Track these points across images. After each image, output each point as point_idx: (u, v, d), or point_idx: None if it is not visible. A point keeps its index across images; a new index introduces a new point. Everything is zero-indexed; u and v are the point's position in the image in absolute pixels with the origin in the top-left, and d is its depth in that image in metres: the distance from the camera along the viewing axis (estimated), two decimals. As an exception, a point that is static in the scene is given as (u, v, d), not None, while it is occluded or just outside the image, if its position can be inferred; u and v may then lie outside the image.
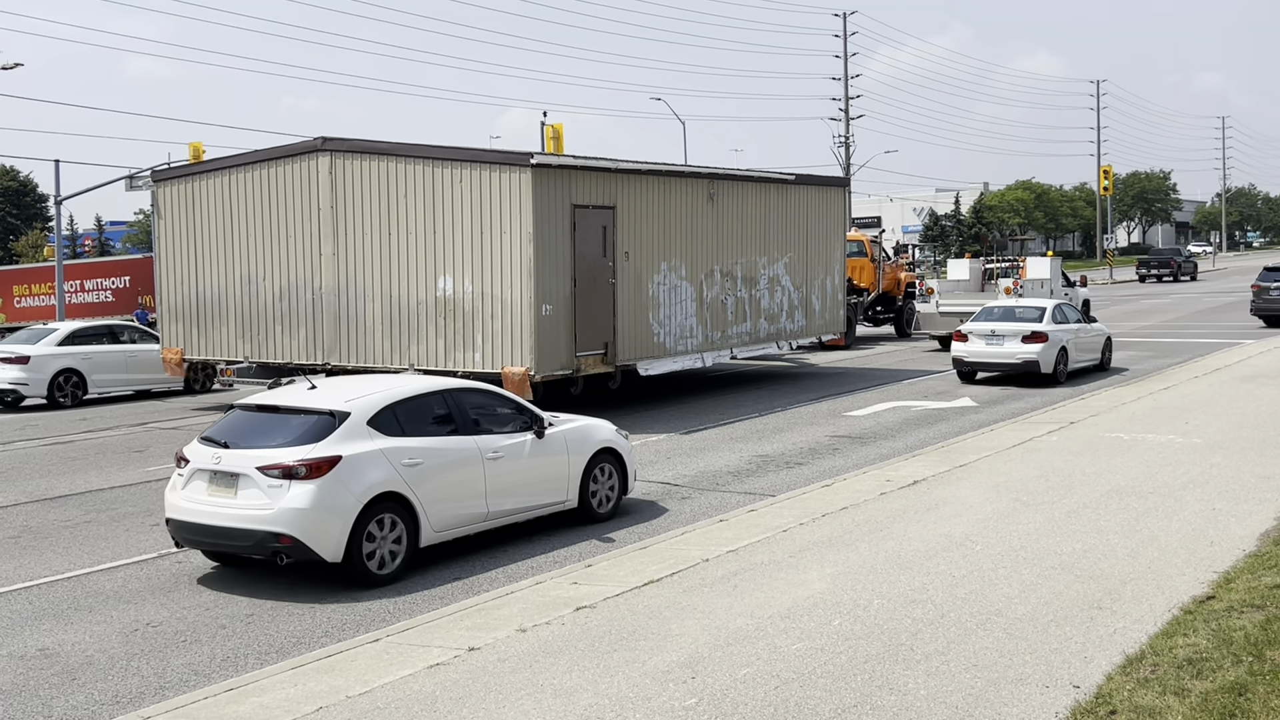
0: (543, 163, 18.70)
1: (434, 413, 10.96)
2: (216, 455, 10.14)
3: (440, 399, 11.09)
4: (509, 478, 11.19)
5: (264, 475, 9.82)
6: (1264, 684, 6.36)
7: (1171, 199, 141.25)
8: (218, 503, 9.98)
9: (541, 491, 11.62)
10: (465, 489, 10.77)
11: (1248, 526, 10.19)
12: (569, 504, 11.95)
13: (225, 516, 9.89)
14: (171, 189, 23.00)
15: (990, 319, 23.74)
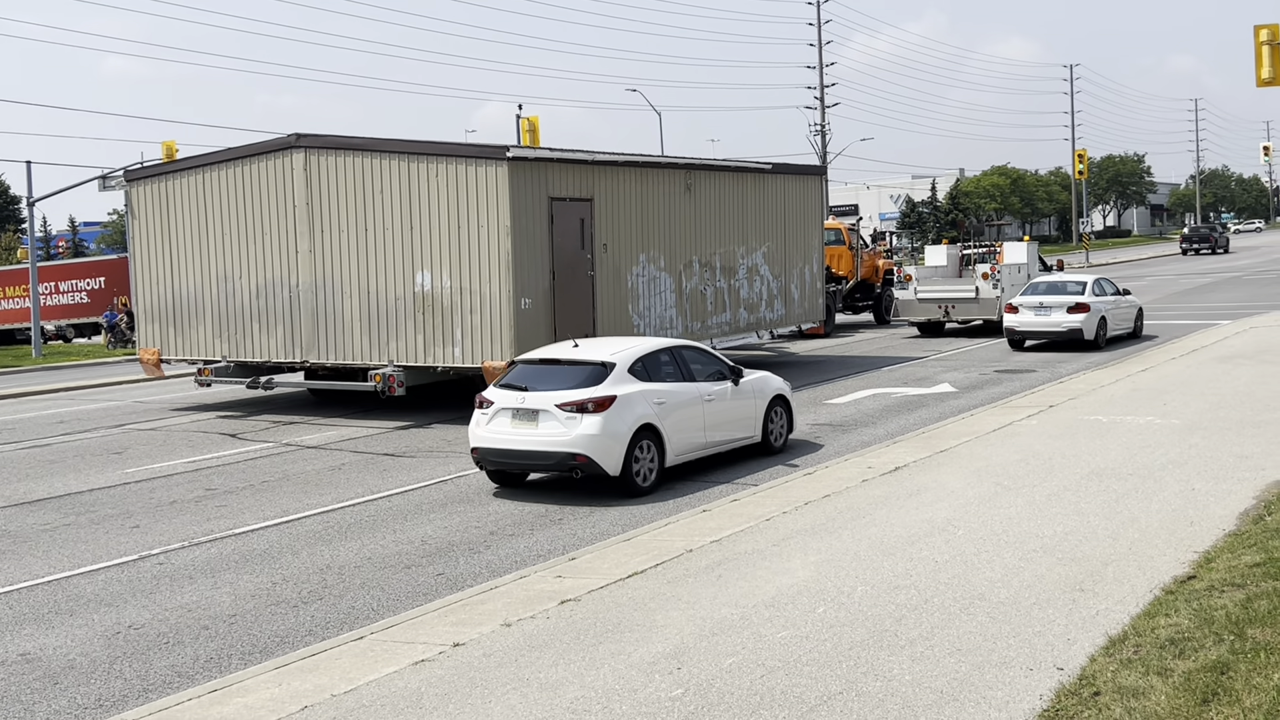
0: (519, 156, 18.65)
1: (666, 364, 13.97)
2: (521, 397, 13.06)
3: (669, 353, 14.15)
4: (718, 415, 14.21)
5: (561, 410, 12.75)
6: (1246, 662, 6.40)
7: (1146, 182, 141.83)
8: (522, 433, 12.97)
9: (738, 427, 14.64)
10: (693, 423, 13.84)
11: (1227, 506, 10.25)
12: (754, 439, 14.93)
13: (530, 443, 12.86)
14: (145, 188, 22.85)
15: (1038, 293, 26.69)
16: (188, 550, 11.39)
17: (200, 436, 18.77)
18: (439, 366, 19.17)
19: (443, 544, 11.21)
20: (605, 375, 13.11)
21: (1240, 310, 33.37)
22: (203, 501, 13.64)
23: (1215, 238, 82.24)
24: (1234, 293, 42.61)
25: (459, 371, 19.24)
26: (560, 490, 13.43)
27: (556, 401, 12.80)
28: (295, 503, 13.36)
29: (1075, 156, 76.83)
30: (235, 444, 17.83)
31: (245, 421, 20.25)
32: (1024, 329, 26.47)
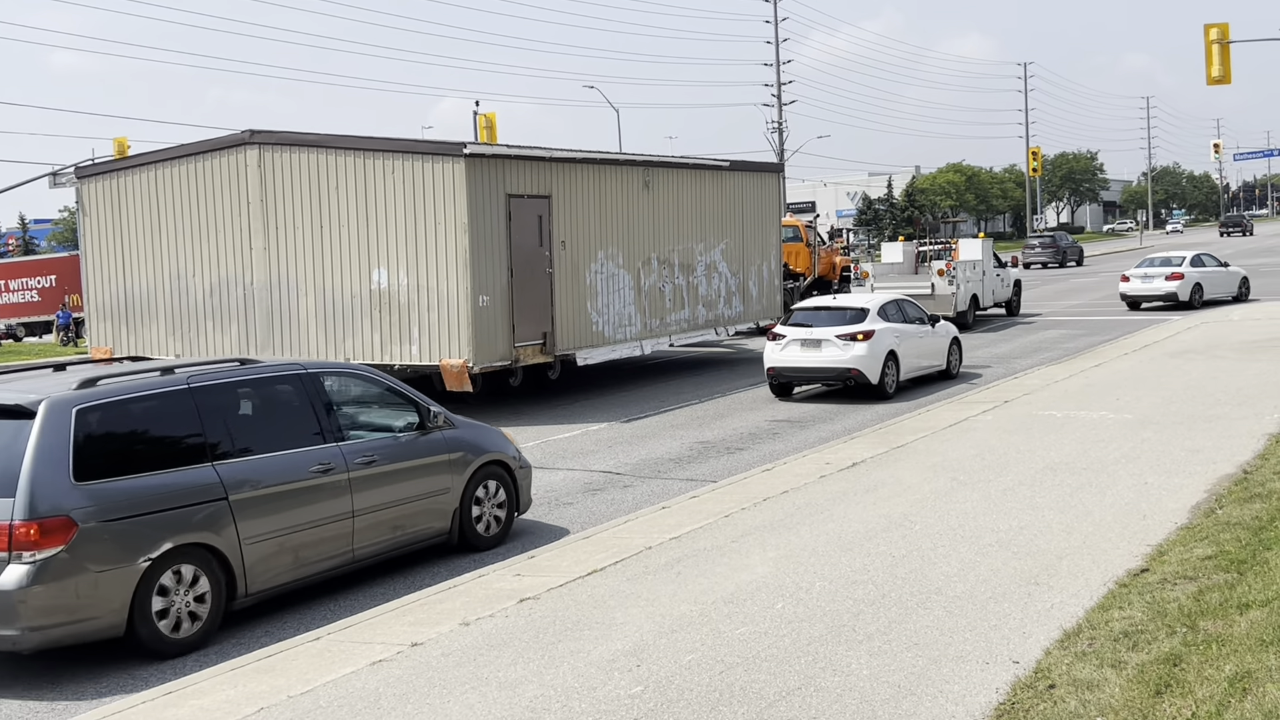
0: (476, 153, 18.57)
1: (894, 311, 19.63)
2: (806, 331, 19.00)
3: (895, 304, 19.99)
4: (925, 347, 20.12)
5: (839, 339, 18.60)
6: (1198, 654, 6.48)
7: (1099, 179, 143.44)
8: (808, 355, 18.86)
9: (935, 358, 20.47)
10: (913, 351, 19.65)
11: (1179, 499, 10.38)
12: (941, 367, 20.65)
13: (815, 362, 18.83)
14: (96, 185, 22.55)
15: (1150, 265, 33.95)
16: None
17: (154, 436, 18.54)
18: (396, 364, 19.05)
19: (400, 543, 11.13)
20: (864, 316, 18.99)
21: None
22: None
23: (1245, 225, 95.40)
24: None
25: (416, 369, 19.14)
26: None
27: (836, 333, 18.70)
28: (251, 503, 13.21)
29: (1029, 154, 77.55)
30: (190, 444, 17.62)
31: (200, 421, 20.02)
32: (1134, 294, 33.62)
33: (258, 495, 8.81)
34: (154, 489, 8.23)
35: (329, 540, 9.34)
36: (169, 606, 8.23)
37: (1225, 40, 32.10)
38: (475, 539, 10.74)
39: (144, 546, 8.05)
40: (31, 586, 7.57)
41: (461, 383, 18.12)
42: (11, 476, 7.71)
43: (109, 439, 8.25)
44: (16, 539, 7.59)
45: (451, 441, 10.61)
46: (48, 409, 7.97)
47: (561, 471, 14.29)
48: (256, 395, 9.46)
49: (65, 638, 7.84)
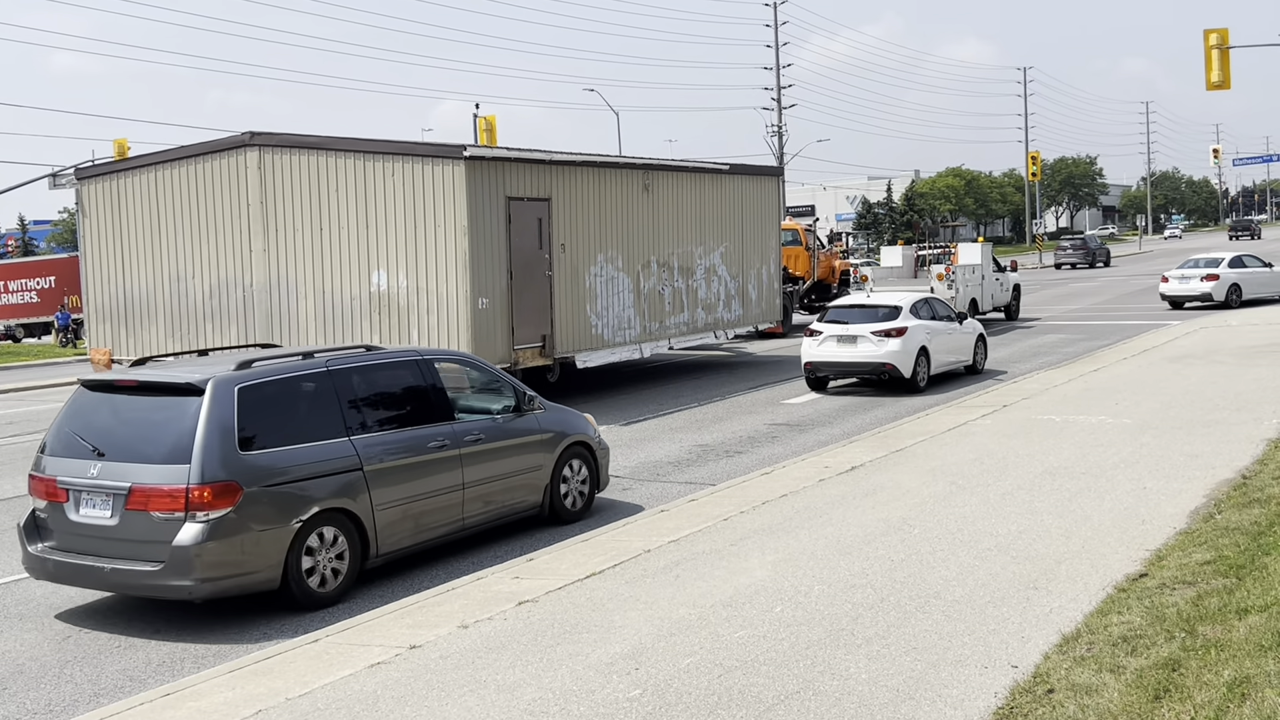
0: (476, 155, 18.58)
1: (924, 309, 20.71)
2: (842, 327, 19.99)
3: (925, 301, 21.02)
4: (952, 344, 21.15)
5: (874, 335, 19.65)
6: (1196, 659, 6.48)
7: (1098, 183, 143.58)
8: (844, 350, 19.93)
9: (960, 354, 21.52)
10: (942, 347, 20.72)
11: (1178, 504, 10.38)
12: (967, 363, 21.77)
13: (851, 357, 19.88)
14: (96, 187, 22.55)
15: (1190, 266, 35.21)
16: (140, 553, 11.23)
17: (152, 438, 18.52)
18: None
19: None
20: (898, 314, 20.04)
21: (1190, 311, 33.80)
22: (155, 503, 13.46)
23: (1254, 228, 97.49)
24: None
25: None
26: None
27: (871, 330, 19.76)
28: (249, 504, 13.21)
29: (1029, 158, 77.58)
30: (188, 445, 17.61)
31: (198, 422, 20.00)
32: (1173, 294, 34.68)
33: (387, 467, 9.78)
34: (302, 459, 9.20)
35: (444, 509, 10.34)
36: (315, 564, 9.20)
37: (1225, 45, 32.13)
38: (563, 512, 11.76)
39: (296, 509, 9.03)
40: (205, 543, 8.54)
41: (460, 385, 18.11)
42: (184, 447, 8.67)
43: (265, 414, 9.15)
44: (192, 501, 8.55)
45: (543, 423, 11.63)
46: (215, 386, 8.94)
47: (560, 474, 14.26)
48: (382, 378, 10.36)
49: (230, 589, 8.80)
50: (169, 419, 8.95)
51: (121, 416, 9.24)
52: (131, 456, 8.87)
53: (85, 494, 8.95)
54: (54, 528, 9.21)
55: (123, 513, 8.74)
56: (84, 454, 9.02)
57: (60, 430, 9.40)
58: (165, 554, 8.56)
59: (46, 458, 9.36)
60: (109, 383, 9.56)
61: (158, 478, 8.67)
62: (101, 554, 8.85)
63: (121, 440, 9.03)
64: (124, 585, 8.93)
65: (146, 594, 9.02)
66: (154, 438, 8.95)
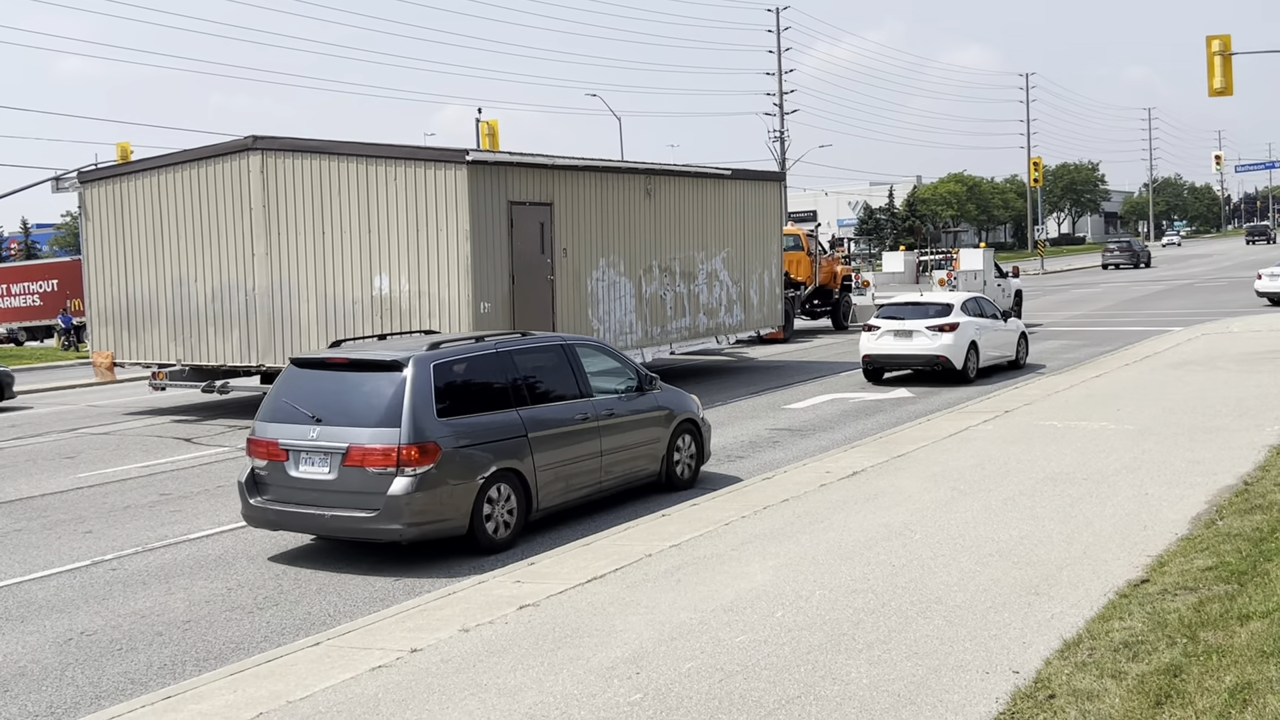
0: (478, 159, 18.60)
1: (973, 306, 22.44)
2: (899, 323, 21.66)
3: (974, 300, 22.88)
4: (998, 339, 22.95)
5: (928, 330, 21.37)
6: (1198, 665, 6.47)
7: (1100, 190, 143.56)
8: (900, 344, 21.61)
9: (1005, 350, 23.26)
10: (990, 343, 22.48)
11: (1179, 510, 10.37)
12: (1010, 358, 23.49)
13: (907, 349, 21.62)
14: (99, 190, 22.59)
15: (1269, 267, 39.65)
16: (141, 555, 11.26)
17: (154, 441, 18.56)
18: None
19: (404, 548, 11.13)
20: (950, 311, 21.77)
21: (1192, 317, 33.81)
22: (157, 506, 13.49)
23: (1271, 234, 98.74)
24: (1185, 300, 43.18)
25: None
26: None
27: (926, 325, 21.43)
28: (251, 508, 13.22)
29: (1030, 164, 77.64)
30: (190, 448, 17.65)
31: (200, 426, 20.05)
32: (1268, 291, 38.40)
33: (545, 435, 11.35)
34: (483, 425, 10.79)
35: (587, 473, 11.93)
36: (492, 514, 10.73)
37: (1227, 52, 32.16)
38: (676, 481, 13.23)
39: (479, 468, 10.57)
40: (413, 494, 10.05)
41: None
42: (394, 413, 10.20)
43: (453, 387, 10.75)
44: (403, 458, 10.06)
45: (660, 401, 13.14)
46: (415, 363, 10.48)
47: (562, 479, 14.27)
48: (536, 359, 11.88)
49: (430, 533, 10.33)
50: (377, 390, 10.44)
51: (332, 389, 10.74)
52: (346, 421, 10.35)
53: (305, 454, 10.44)
54: (273, 483, 10.66)
55: (340, 469, 10.25)
56: (302, 420, 10.48)
57: (275, 400, 10.86)
58: (380, 503, 10.07)
59: (264, 424, 10.78)
60: (320, 360, 11.16)
61: (372, 439, 10.16)
62: (320, 504, 10.34)
63: (336, 408, 10.50)
64: (342, 530, 10.42)
65: (361, 538, 10.45)
66: (366, 406, 10.42)
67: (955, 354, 21.45)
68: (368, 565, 10.59)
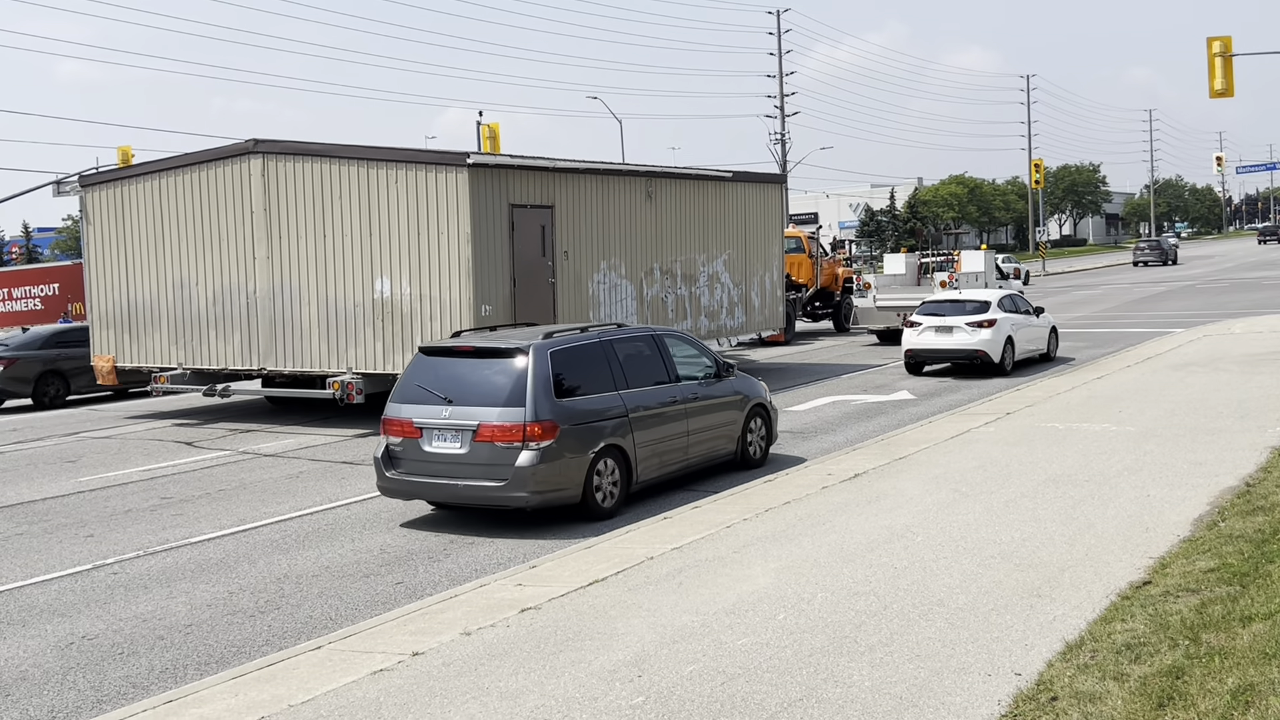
0: (479, 162, 18.61)
1: (1009, 304, 23.74)
2: (939, 319, 23.00)
3: (1009, 297, 24.14)
4: (1032, 334, 24.37)
5: (967, 326, 22.72)
6: (1200, 666, 6.46)
7: (1101, 191, 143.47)
8: (940, 340, 22.94)
9: (1038, 344, 24.71)
10: (1024, 337, 23.85)
11: (1182, 512, 10.36)
12: (1043, 351, 24.95)
13: (947, 344, 22.91)
14: (100, 194, 22.60)
15: None
16: (143, 559, 11.26)
17: (156, 445, 18.57)
18: (399, 374, 19.06)
19: (402, 552, 11.14)
20: (988, 308, 23.09)
21: (1194, 318, 33.80)
22: (158, 510, 13.49)
23: None
24: (1187, 301, 43.16)
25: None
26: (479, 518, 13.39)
27: (965, 321, 22.82)
28: (252, 511, 13.24)
29: (1032, 166, 77.60)
30: (191, 452, 17.65)
31: (202, 429, 20.05)
32: None
33: (642, 415, 12.58)
34: (593, 406, 12.03)
35: (676, 450, 13.12)
36: (600, 485, 11.98)
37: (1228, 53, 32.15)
38: (749, 460, 14.38)
39: (590, 443, 11.84)
40: (538, 465, 11.31)
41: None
42: (519, 395, 11.45)
43: (567, 371, 11.95)
44: (528, 434, 11.31)
45: (736, 387, 14.31)
46: (535, 351, 11.73)
47: (563, 481, 14.26)
48: (632, 347, 13.13)
49: (551, 501, 11.57)
50: (502, 374, 11.71)
51: (460, 374, 11.95)
52: (475, 402, 11.60)
53: (437, 431, 11.66)
54: (408, 457, 11.87)
55: (471, 444, 11.48)
56: (434, 401, 11.72)
57: (406, 384, 12.12)
58: (508, 474, 11.32)
59: (398, 405, 12.01)
60: (447, 349, 12.35)
61: (500, 417, 11.42)
62: (453, 476, 11.59)
63: (464, 391, 11.73)
64: (473, 498, 11.70)
65: (490, 505, 11.70)
66: (493, 388, 11.67)
67: (993, 348, 22.82)
68: (368, 570, 10.59)
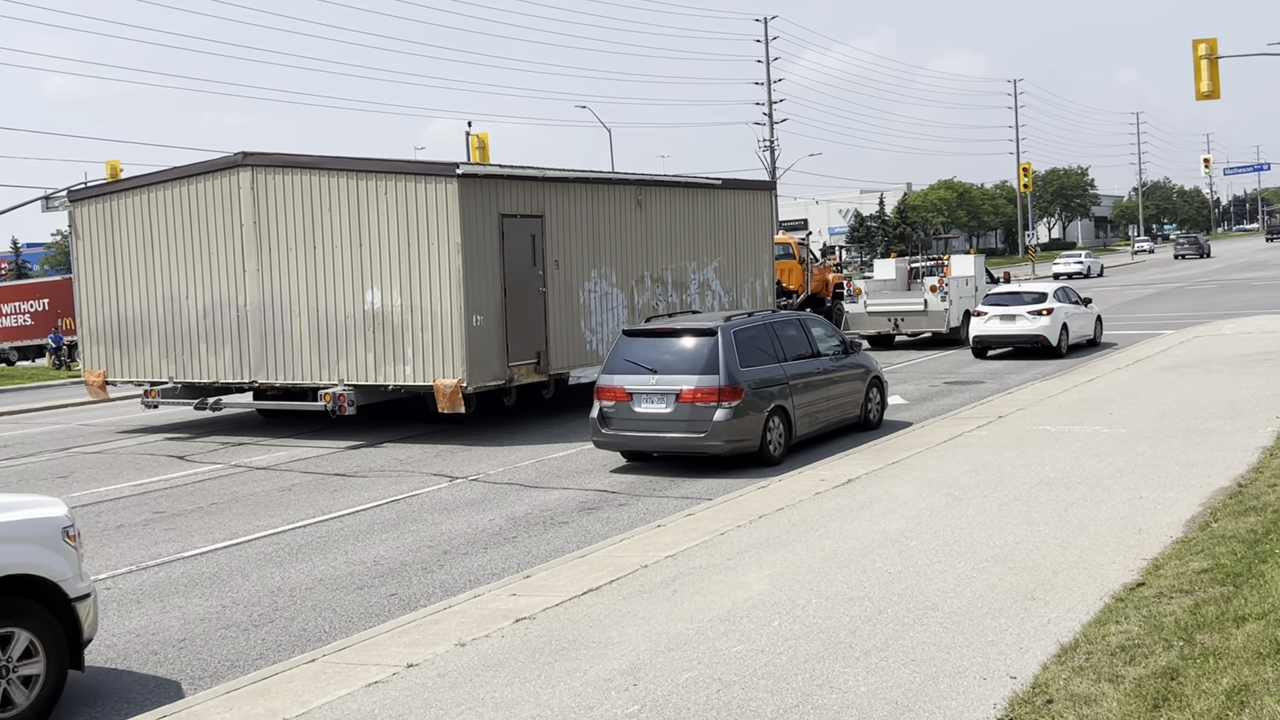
0: (469, 173, 18.60)
1: (1062, 295, 27.20)
2: (1003, 309, 26.36)
3: (1063, 289, 27.65)
4: (1082, 321, 27.86)
5: (1028, 315, 26.04)
6: (1195, 667, 6.47)
7: (1090, 194, 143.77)
8: (1005, 327, 26.36)
9: (1087, 331, 28.34)
10: (1074, 326, 27.00)
11: (1174, 513, 10.38)
12: (1091, 337, 28.49)
13: (1010, 330, 26.35)
14: (89, 209, 22.56)
15: None
16: (135, 574, 11.22)
17: (147, 459, 18.52)
18: (390, 385, 19.05)
19: (395, 564, 11.12)
20: (1046, 298, 26.61)
21: (1184, 320, 33.88)
22: (150, 525, 13.45)
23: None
24: (1177, 303, 43.28)
25: (410, 390, 19.13)
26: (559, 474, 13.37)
27: (1026, 310, 26.32)
28: (245, 525, 13.21)
29: (1020, 170, 77.79)
30: (183, 466, 17.61)
31: (193, 443, 20.00)
32: None
33: (798, 383, 15.73)
34: (764, 374, 15.16)
35: (821, 412, 16.27)
36: (771, 438, 15.01)
37: (1214, 56, 32.27)
38: (869, 422, 17.52)
39: (765, 404, 14.96)
40: (730, 420, 14.45)
41: (455, 404, 18.09)
42: (713, 365, 14.59)
43: (745, 347, 15.07)
44: (722, 396, 14.46)
45: (859, 362, 17.47)
46: (722, 330, 14.91)
47: (556, 491, 14.26)
48: (786, 328, 16.24)
49: (738, 449, 14.67)
50: (697, 349, 14.85)
51: (660, 350, 15.10)
52: (676, 371, 14.75)
53: (645, 396, 14.81)
54: (619, 417, 15.00)
55: (675, 405, 14.64)
56: (639, 372, 14.88)
57: (616, 359, 15.27)
58: (707, 428, 14.44)
59: (609, 375, 15.17)
60: (648, 330, 15.59)
61: (699, 383, 14.56)
62: (660, 430, 14.81)
63: (666, 362, 14.90)
64: (678, 447, 14.89)
65: (691, 452, 14.91)
66: (691, 360, 14.78)
67: (1051, 333, 26.26)
68: (361, 582, 10.57)
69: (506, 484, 14.88)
